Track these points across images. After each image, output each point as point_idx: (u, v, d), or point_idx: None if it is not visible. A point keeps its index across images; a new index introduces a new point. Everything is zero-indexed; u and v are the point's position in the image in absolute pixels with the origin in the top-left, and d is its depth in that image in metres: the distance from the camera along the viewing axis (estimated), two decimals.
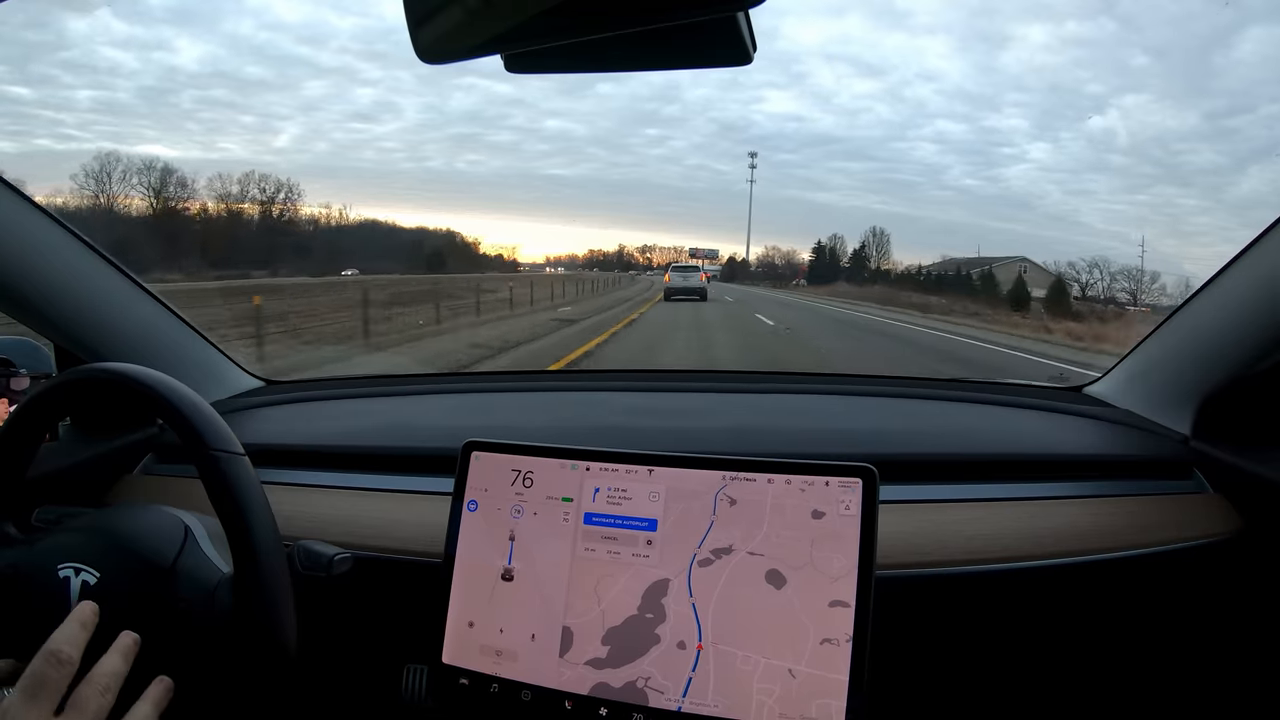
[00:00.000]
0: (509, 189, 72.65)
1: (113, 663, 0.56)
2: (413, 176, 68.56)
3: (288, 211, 31.35)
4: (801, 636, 0.60)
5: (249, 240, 29.71)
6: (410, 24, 0.46)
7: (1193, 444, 0.89)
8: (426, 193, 66.09)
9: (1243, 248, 0.82)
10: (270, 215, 30.86)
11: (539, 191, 70.53)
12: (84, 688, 0.54)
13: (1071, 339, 11.08)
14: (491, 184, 71.74)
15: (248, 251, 28.26)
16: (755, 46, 0.45)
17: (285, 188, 31.85)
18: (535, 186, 71.48)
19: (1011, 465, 0.91)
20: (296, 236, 31.78)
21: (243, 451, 0.63)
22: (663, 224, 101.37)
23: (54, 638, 0.55)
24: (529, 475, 0.69)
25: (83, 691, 0.54)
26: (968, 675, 0.83)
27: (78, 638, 0.55)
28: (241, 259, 26.73)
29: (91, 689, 0.54)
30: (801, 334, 10.98)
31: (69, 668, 0.54)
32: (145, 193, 26.65)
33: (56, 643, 0.54)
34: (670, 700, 0.61)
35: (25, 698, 0.52)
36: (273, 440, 0.99)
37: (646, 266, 41.91)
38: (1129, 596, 0.80)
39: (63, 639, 0.55)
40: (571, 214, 73.30)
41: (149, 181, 26.63)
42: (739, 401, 1.16)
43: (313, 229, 32.70)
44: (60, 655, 0.53)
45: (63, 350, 0.97)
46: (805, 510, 0.62)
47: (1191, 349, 0.91)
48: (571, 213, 72.13)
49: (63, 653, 0.54)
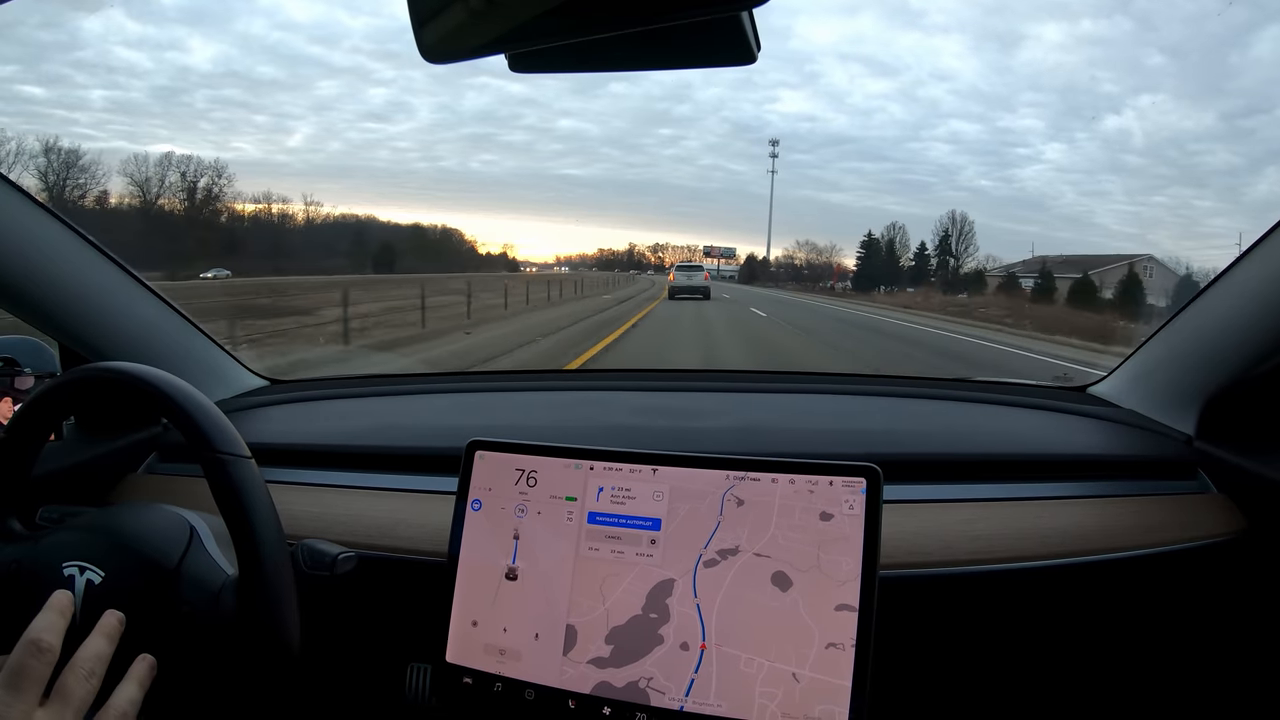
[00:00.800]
0: (523, 189, 72.72)
1: (96, 646, 0.56)
2: (426, 176, 68.70)
3: (212, 203, 27.60)
4: (806, 640, 0.59)
5: (160, 234, 26.15)
6: (414, 23, 0.46)
7: (1196, 444, 0.89)
8: (440, 192, 66.22)
9: (1247, 248, 0.82)
10: (196, 207, 27.15)
11: (553, 191, 70.60)
12: (67, 675, 0.54)
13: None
14: (506, 184, 71.84)
15: (155, 247, 24.55)
16: (759, 46, 0.45)
17: (214, 170, 27.79)
18: (550, 186, 71.57)
19: (1016, 465, 0.90)
20: (222, 231, 28.13)
21: (249, 454, 0.63)
22: (677, 224, 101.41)
23: (33, 627, 0.54)
24: (533, 474, 0.69)
25: (66, 679, 0.53)
26: (972, 675, 0.83)
27: (57, 625, 0.55)
28: (153, 256, 23.17)
29: (75, 675, 0.54)
30: None
31: (50, 655, 0.53)
32: (37, 177, 23.21)
33: (36, 631, 0.53)
34: (673, 700, 0.61)
35: (7, 689, 0.51)
36: (277, 439, 0.99)
37: (659, 266, 38.53)
38: (1133, 596, 0.80)
39: (42, 628, 0.54)
40: (585, 214, 73.37)
41: (48, 165, 23.61)
42: (743, 401, 1.16)
43: (245, 224, 29.06)
44: (40, 644, 0.53)
45: (67, 349, 0.97)
46: (813, 512, 0.62)
47: (1195, 349, 0.91)
48: (585, 213, 72.21)
49: (43, 641, 0.53)
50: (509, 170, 75.08)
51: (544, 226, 74.72)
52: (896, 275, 29.88)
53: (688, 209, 72.13)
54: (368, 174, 70.26)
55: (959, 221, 28.90)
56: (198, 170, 28.46)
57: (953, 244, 28.34)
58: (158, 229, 26.47)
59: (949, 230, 28.58)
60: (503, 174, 74.55)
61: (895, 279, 29.55)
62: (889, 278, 29.60)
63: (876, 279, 29.83)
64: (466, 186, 69.11)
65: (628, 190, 74.58)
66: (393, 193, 61.80)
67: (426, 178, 68.53)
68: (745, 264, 40.26)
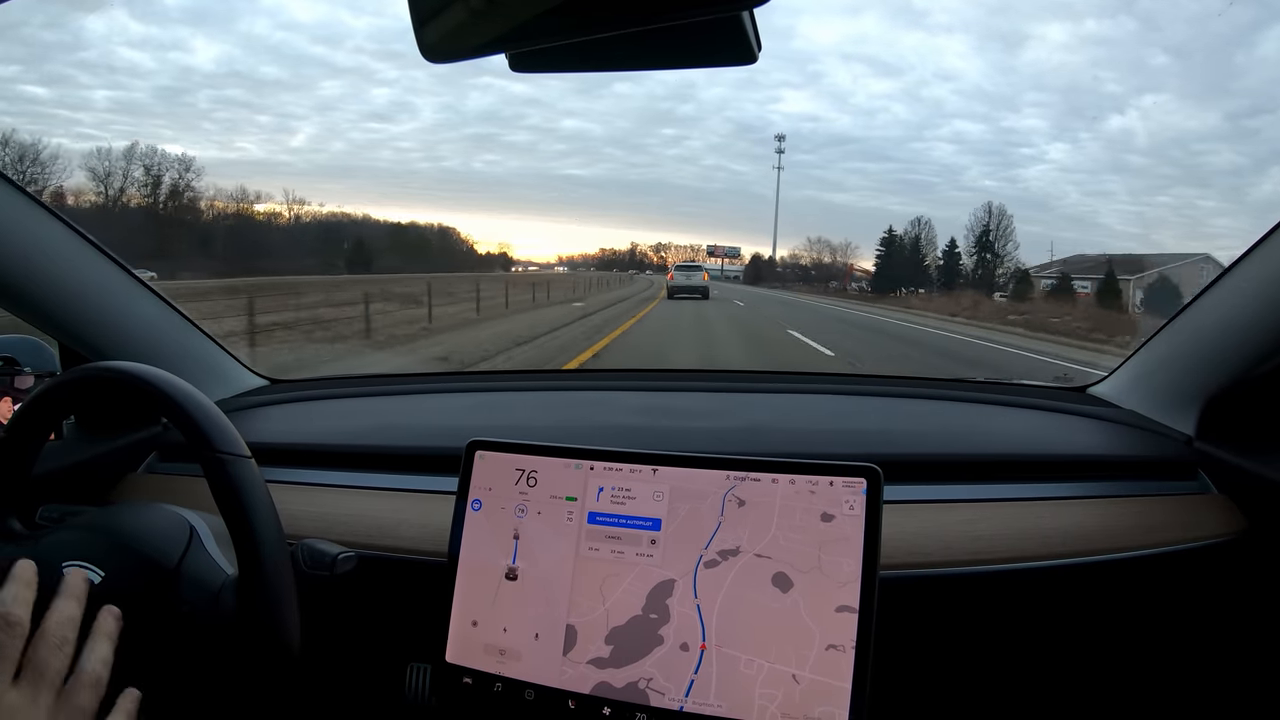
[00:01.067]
0: (526, 189, 72.58)
1: (63, 610, 0.54)
2: (429, 176, 68.57)
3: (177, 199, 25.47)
4: (806, 642, 0.59)
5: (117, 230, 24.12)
6: (414, 22, 0.46)
7: (1197, 445, 0.89)
8: (442, 192, 66.13)
9: (1247, 249, 0.82)
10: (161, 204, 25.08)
11: (556, 191, 70.45)
12: (39, 647, 0.51)
13: None
14: (509, 184, 71.70)
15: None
16: (760, 45, 0.45)
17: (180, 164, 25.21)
18: (553, 186, 71.42)
19: (1016, 465, 0.90)
20: (185, 229, 26.36)
21: (249, 454, 0.63)
22: (680, 225, 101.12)
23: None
24: (533, 474, 0.69)
25: (39, 652, 0.51)
26: (973, 675, 0.83)
27: (23, 596, 0.52)
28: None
29: (47, 646, 0.51)
30: None
31: (19, 629, 0.51)
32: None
33: (3, 605, 0.51)
34: (672, 700, 0.61)
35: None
36: (277, 439, 0.99)
37: (660, 265, 36.55)
38: (1133, 597, 0.80)
39: (8, 600, 0.51)
40: (589, 214, 73.21)
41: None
42: (744, 401, 1.16)
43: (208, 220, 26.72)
44: (9, 618, 0.51)
45: (67, 348, 0.97)
46: (815, 513, 0.62)
47: (1195, 350, 0.91)
48: (589, 213, 72.07)
49: (11, 614, 0.51)
50: (512, 170, 75.09)
51: (547, 227, 74.68)
52: (922, 276, 26.10)
53: (691, 209, 72.13)
54: (370, 174, 70.26)
55: (996, 214, 24.48)
56: (162, 164, 26.67)
57: (993, 240, 23.85)
58: (116, 225, 24.96)
59: (987, 225, 23.97)
60: (506, 174, 74.52)
61: (920, 280, 25.80)
62: (913, 278, 25.75)
63: (898, 280, 25.95)
64: (469, 186, 69.14)
65: (631, 190, 74.56)
66: (395, 193, 61.82)
67: (429, 178, 68.52)
68: (750, 264, 38.15)
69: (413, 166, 70.41)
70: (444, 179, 70.16)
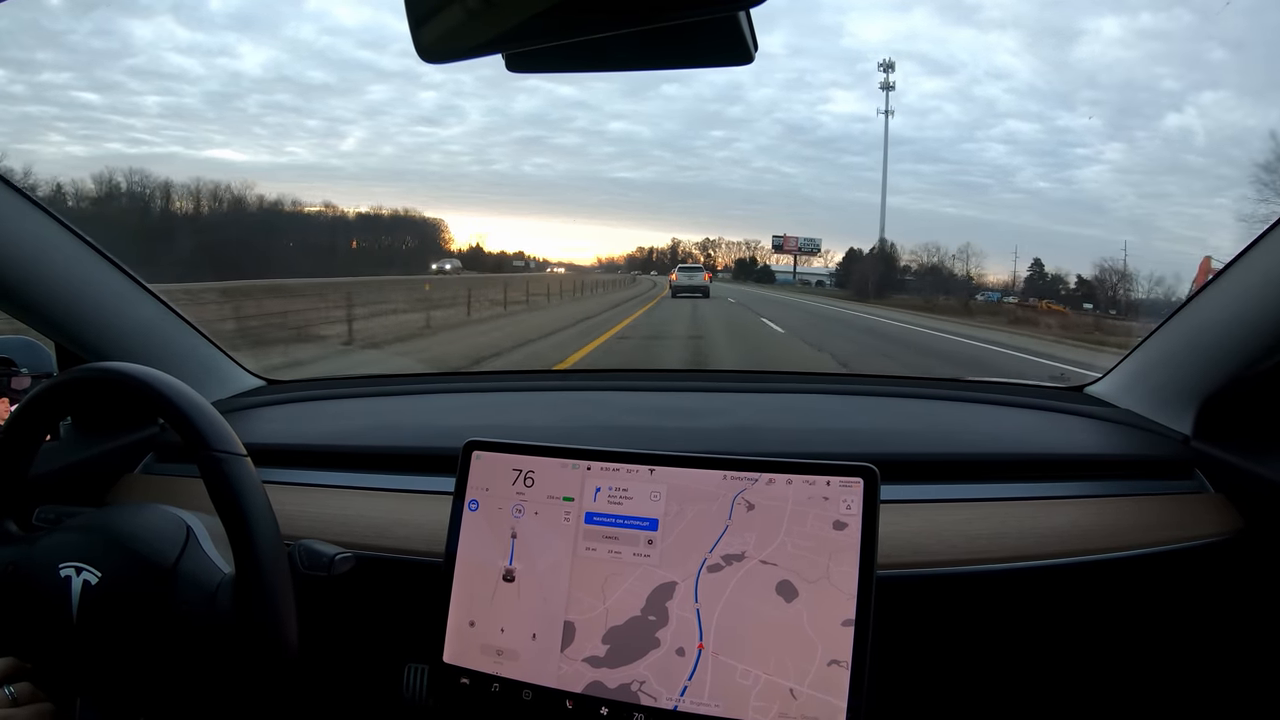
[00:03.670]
0: (577, 192, 72.23)
1: None
2: (479, 179, 68.11)
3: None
4: (808, 655, 0.58)
5: None
6: (411, 23, 0.46)
7: (1193, 444, 0.89)
8: (493, 196, 65.82)
9: (1243, 248, 0.82)
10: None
11: (606, 195, 70.09)
12: None
13: None
14: (559, 187, 71.32)
15: None
16: (756, 46, 0.46)
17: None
18: (603, 190, 71.04)
19: (1013, 465, 0.90)
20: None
21: (244, 452, 0.63)
22: (731, 228, 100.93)
23: None
24: (530, 475, 0.69)
25: None
26: (970, 674, 0.83)
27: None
28: None
29: None
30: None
31: None
32: None
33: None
34: (667, 701, 0.61)
35: None
36: (274, 440, 0.99)
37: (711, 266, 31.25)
38: (1130, 596, 0.80)
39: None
40: (639, 218, 72.79)
41: None
42: (742, 401, 1.16)
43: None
44: None
45: (64, 349, 0.97)
46: (826, 521, 0.60)
47: (1192, 349, 0.91)
48: (639, 217, 71.70)
49: None
50: (561, 173, 74.68)
51: (599, 230, 74.22)
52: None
53: (740, 211, 71.66)
54: (420, 177, 69.81)
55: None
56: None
57: None
58: None
59: None
60: (556, 177, 74.13)
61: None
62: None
63: None
64: (520, 190, 68.78)
65: (681, 193, 74.09)
66: (448, 196, 61.62)
67: (479, 180, 68.03)
68: (843, 264, 25.79)
69: (463, 170, 70.09)
70: (495, 182, 69.76)
